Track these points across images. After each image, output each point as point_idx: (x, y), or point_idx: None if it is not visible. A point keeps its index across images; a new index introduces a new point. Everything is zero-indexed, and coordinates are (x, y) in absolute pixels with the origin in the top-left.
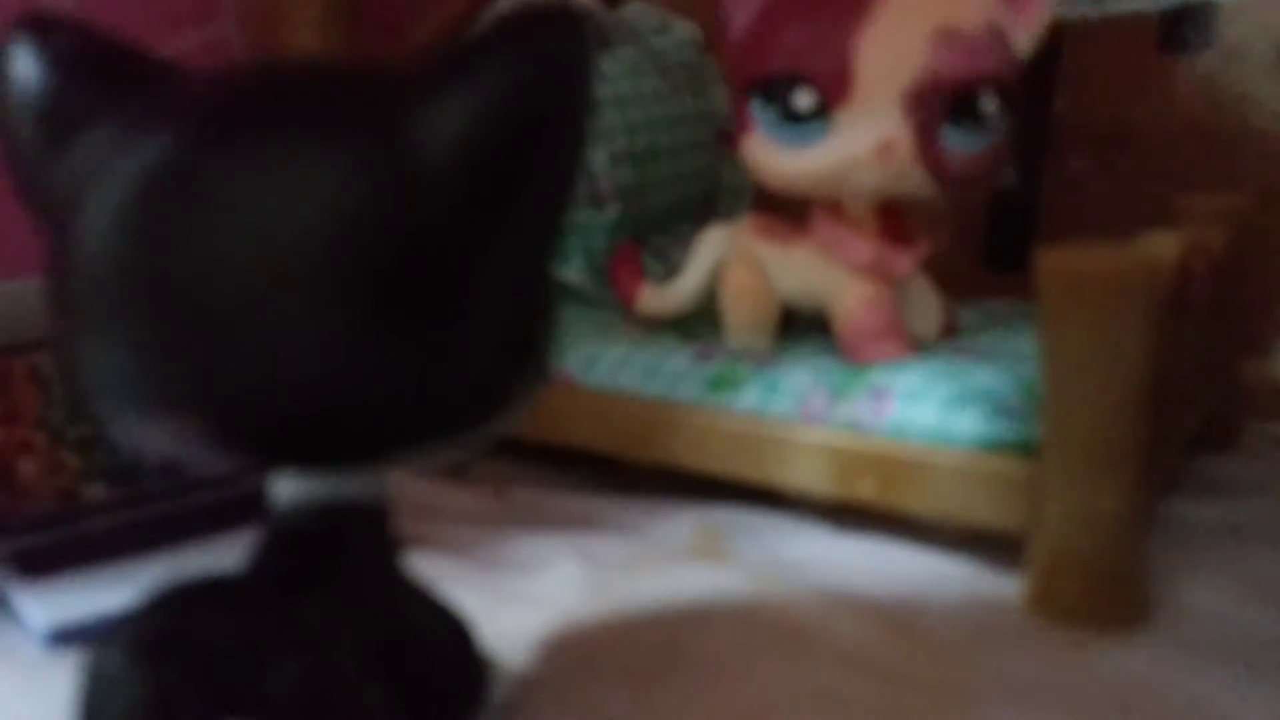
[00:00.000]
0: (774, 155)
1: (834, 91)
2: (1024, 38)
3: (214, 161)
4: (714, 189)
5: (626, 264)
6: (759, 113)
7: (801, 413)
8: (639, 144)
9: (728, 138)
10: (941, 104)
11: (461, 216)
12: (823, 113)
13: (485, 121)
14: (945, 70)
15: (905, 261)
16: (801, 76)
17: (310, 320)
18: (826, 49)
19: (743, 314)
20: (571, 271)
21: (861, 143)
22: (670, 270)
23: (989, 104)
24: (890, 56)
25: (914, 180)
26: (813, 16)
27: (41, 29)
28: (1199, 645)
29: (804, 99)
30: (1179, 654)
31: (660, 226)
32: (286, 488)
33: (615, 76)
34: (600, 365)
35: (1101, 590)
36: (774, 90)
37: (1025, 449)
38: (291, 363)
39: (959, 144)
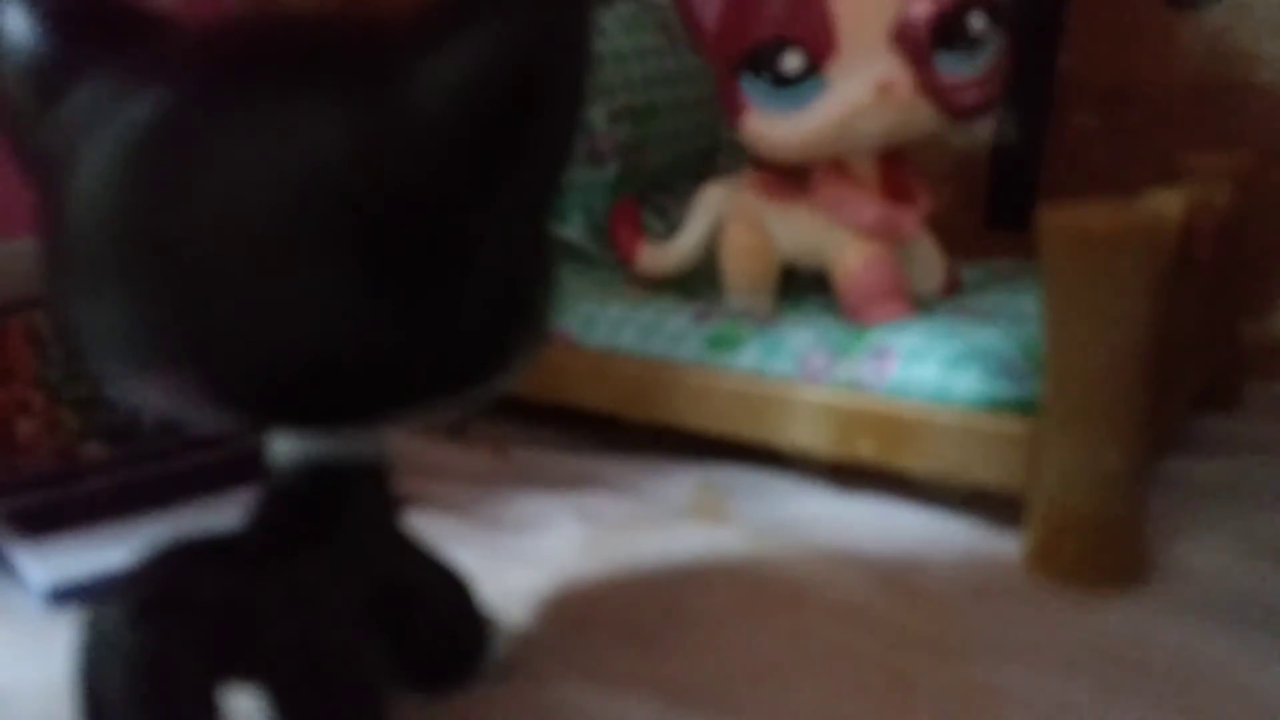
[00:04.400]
0: (775, 125)
1: (820, 47)
2: None
3: (207, 116)
4: (714, 146)
5: (626, 221)
6: (750, 87)
7: (802, 372)
8: (639, 101)
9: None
10: (930, 33)
11: (458, 171)
12: (813, 71)
13: (481, 74)
14: (924, 2)
15: (910, 221)
16: (785, 40)
17: (306, 276)
18: (804, 8)
19: (743, 272)
20: (571, 230)
21: (860, 89)
22: (670, 228)
23: (978, 21)
24: (866, 2)
25: (920, 117)
26: None
27: None
28: (1198, 603)
29: (792, 61)
30: (1178, 612)
31: (660, 184)
32: (285, 446)
33: (615, 32)
34: (600, 324)
35: (1101, 549)
36: (761, 60)
37: (1026, 408)
38: (288, 319)
39: (957, 68)
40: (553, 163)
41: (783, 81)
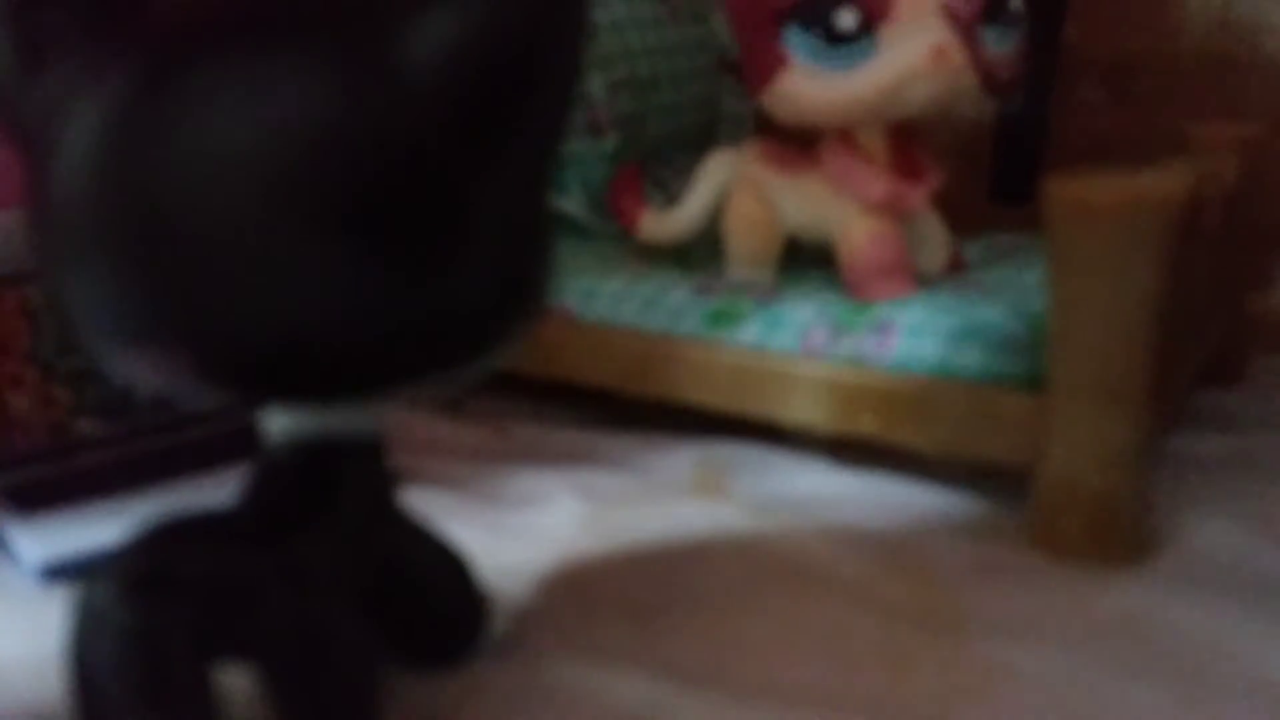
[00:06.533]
0: (819, 84)
1: (877, 8)
2: None
3: (191, 85)
4: (715, 118)
5: (627, 189)
6: (797, 42)
7: (803, 347)
8: (638, 71)
9: (729, 65)
10: (980, 6)
11: (451, 138)
12: (867, 31)
13: (477, 38)
14: None
15: (918, 196)
16: None
17: (297, 248)
18: None
19: (746, 244)
20: (570, 202)
21: (914, 53)
22: (670, 201)
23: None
24: None
25: (964, 87)
26: None
27: None
28: (1202, 579)
29: (848, 18)
30: (1182, 588)
31: (660, 156)
32: (278, 422)
33: (614, 1)
34: (599, 298)
35: (1105, 525)
36: (814, 14)
37: (1030, 383)
38: (278, 293)
39: (996, 43)
40: (550, 132)
41: (835, 38)
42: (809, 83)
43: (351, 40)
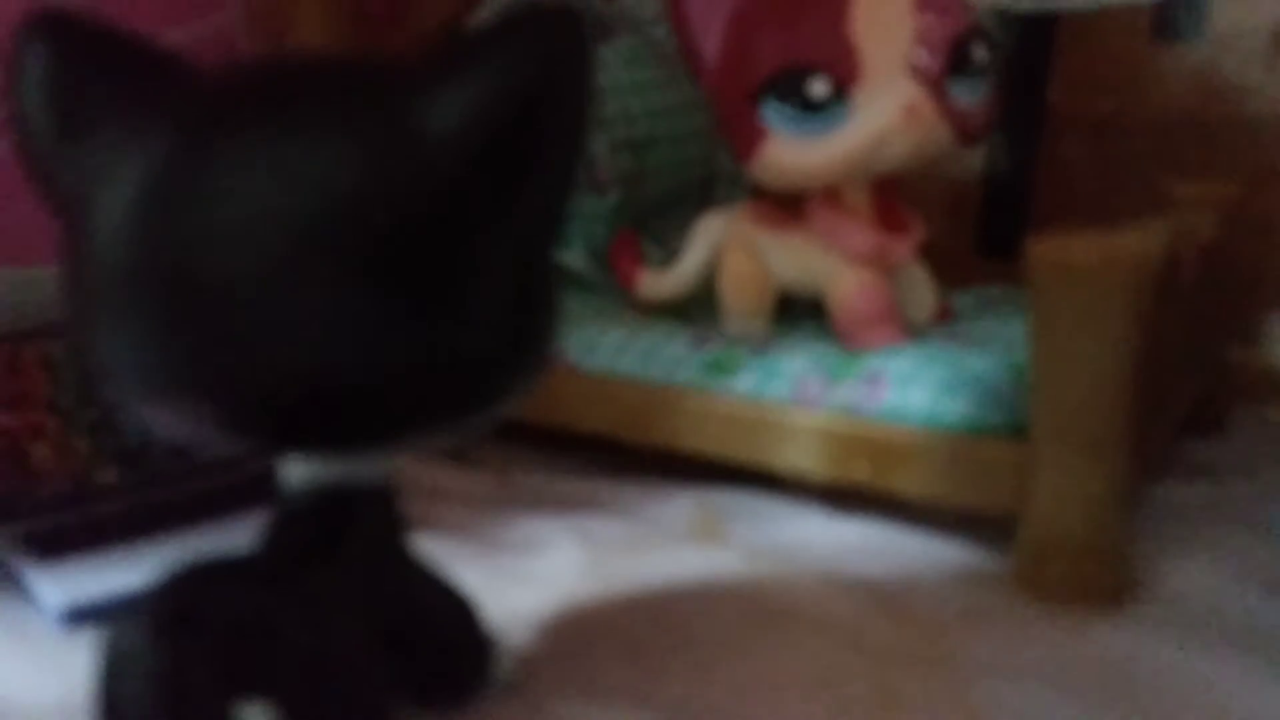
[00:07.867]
0: (799, 152)
1: (847, 74)
2: None
3: (222, 153)
4: (712, 175)
5: (626, 250)
6: (774, 114)
7: (797, 396)
8: (638, 132)
9: None
10: (944, 61)
11: (465, 203)
12: (839, 97)
13: (487, 110)
14: (937, 30)
15: (903, 248)
16: (812, 67)
17: (317, 307)
18: (827, 36)
19: (740, 299)
20: (572, 257)
21: (887, 113)
22: (669, 255)
23: (979, 51)
24: (886, 29)
25: (939, 139)
26: (798, 9)
27: (54, 24)
28: (1184, 624)
29: (820, 86)
30: (1165, 633)
31: (660, 212)
32: (296, 470)
33: (615, 66)
34: (600, 349)
35: (1089, 570)
36: (786, 86)
37: (1015, 433)
38: (301, 348)
39: (965, 94)
40: (557, 193)
41: (810, 107)
42: (791, 151)
43: (374, 109)
